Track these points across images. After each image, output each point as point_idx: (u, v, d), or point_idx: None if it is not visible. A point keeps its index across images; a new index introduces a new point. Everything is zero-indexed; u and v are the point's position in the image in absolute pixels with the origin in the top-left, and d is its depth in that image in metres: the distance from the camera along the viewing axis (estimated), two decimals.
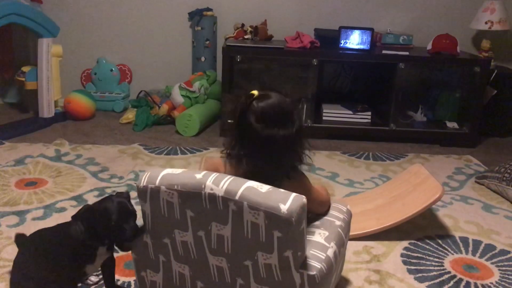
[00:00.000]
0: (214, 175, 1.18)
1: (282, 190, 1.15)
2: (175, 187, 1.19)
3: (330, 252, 1.26)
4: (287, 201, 1.10)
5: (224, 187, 1.14)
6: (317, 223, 1.38)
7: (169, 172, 1.23)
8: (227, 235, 1.18)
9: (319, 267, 1.19)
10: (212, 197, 1.15)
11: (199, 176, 1.18)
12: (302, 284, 1.18)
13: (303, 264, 1.18)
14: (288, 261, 1.15)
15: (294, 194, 1.13)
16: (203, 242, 1.23)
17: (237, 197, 1.12)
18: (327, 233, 1.32)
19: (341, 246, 1.35)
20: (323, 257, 1.22)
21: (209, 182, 1.16)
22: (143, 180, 1.24)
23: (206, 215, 1.18)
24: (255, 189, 1.13)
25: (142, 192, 1.24)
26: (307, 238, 1.22)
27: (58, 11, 3.56)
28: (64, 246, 1.37)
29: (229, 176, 1.17)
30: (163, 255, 1.32)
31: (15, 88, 3.64)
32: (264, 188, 1.14)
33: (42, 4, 3.40)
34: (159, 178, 1.22)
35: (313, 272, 1.17)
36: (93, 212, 1.33)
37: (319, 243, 1.28)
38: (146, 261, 1.36)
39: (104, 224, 1.31)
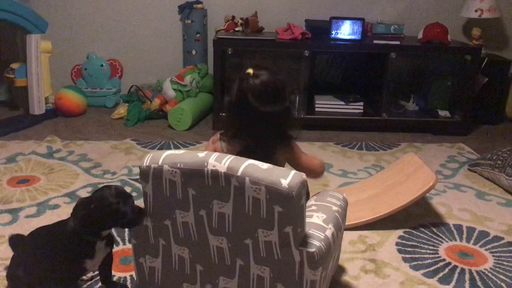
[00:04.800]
0: (216, 154, 1.20)
1: (282, 167, 1.20)
2: (178, 165, 1.20)
3: (328, 233, 1.28)
4: (288, 177, 1.13)
5: (227, 164, 1.16)
6: (314, 208, 1.39)
7: (171, 153, 1.25)
8: (229, 212, 1.20)
9: (318, 245, 1.21)
10: (215, 173, 1.17)
11: (201, 154, 1.21)
12: (302, 262, 1.20)
13: (303, 241, 1.20)
14: (288, 238, 1.17)
15: (294, 171, 1.16)
16: (204, 222, 1.24)
17: (239, 173, 1.15)
18: (324, 216, 1.34)
19: (338, 230, 1.36)
20: (322, 237, 1.24)
21: (211, 160, 1.18)
22: (146, 161, 1.25)
23: (208, 193, 1.20)
24: (257, 166, 1.16)
25: (145, 173, 1.25)
26: (306, 220, 1.23)
27: (47, 6, 3.52)
28: (62, 243, 1.36)
29: (230, 155, 1.20)
30: (163, 238, 1.32)
31: (5, 86, 3.61)
32: (265, 165, 1.17)
33: (30, 0, 3.36)
34: (162, 158, 1.23)
35: (312, 250, 1.19)
36: (89, 203, 1.31)
37: (318, 224, 1.30)
38: (145, 246, 1.36)
39: (103, 212, 1.29)
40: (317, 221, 1.31)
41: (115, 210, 1.29)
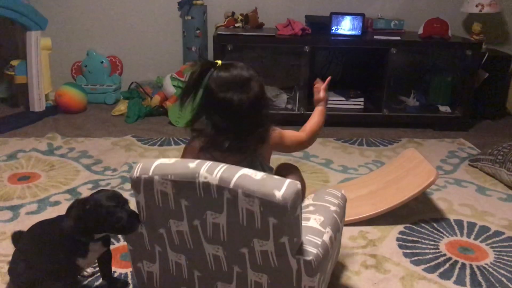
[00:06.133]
0: (207, 164, 1.17)
1: (277, 177, 1.16)
2: (169, 176, 1.18)
3: (326, 237, 1.25)
4: (282, 188, 1.10)
5: (218, 175, 1.13)
6: (311, 209, 1.37)
7: (162, 162, 1.22)
8: (223, 223, 1.18)
9: (316, 252, 1.19)
10: (206, 185, 1.14)
11: (192, 165, 1.17)
12: (299, 270, 1.18)
13: (299, 249, 1.18)
14: (284, 248, 1.15)
15: (288, 180, 1.12)
16: (198, 231, 1.22)
17: (231, 185, 1.12)
18: (322, 219, 1.32)
19: (336, 231, 1.35)
20: (319, 242, 1.22)
21: (202, 171, 1.15)
22: (136, 171, 1.23)
23: (200, 204, 1.18)
24: (250, 177, 1.13)
25: (136, 183, 1.23)
26: (303, 224, 1.21)
27: (46, 3, 3.51)
28: (56, 240, 1.37)
29: (223, 164, 1.17)
30: (159, 246, 1.31)
31: (5, 83, 3.60)
32: (258, 175, 1.13)
33: None
34: (152, 168, 1.21)
35: (309, 258, 1.17)
36: (84, 205, 1.30)
37: (315, 228, 1.27)
38: (142, 252, 1.36)
39: (98, 214, 1.28)
40: (314, 224, 1.29)
41: (110, 214, 1.27)
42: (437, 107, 3.35)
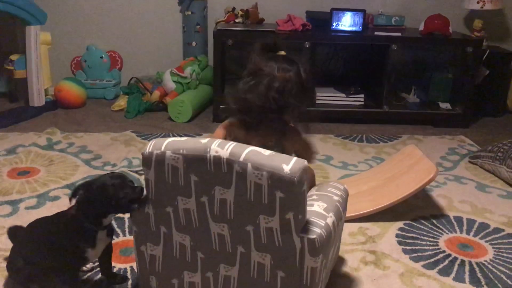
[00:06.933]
0: (218, 140, 1.21)
1: (284, 154, 1.20)
2: (181, 151, 1.21)
3: (329, 221, 1.28)
4: (290, 163, 1.14)
5: (229, 149, 1.17)
6: (315, 197, 1.39)
7: (174, 139, 1.26)
8: (230, 199, 1.20)
9: (319, 232, 1.21)
10: (217, 159, 1.17)
11: (204, 141, 1.21)
12: (303, 248, 1.20)
13: (304, 228, 1.20)
14: (289, 224, 1.18)
15: (296, 158, 1.17)
16: (205, 209, 1.24)
17: (241, 159, 1.15)
18: (325, 205, 1.34)
19: (339, 219, 1.37)
20: (323, 224, 1.25)
21: (214, 146, 1.19)
22: (149, 147, 1.26)
23: (210, 179, 1.20)
24: (259, 152, 1.17)
25: (147, 159, 1.25)
26: (307, 208, 1.24)
27: None
28: (63, 232, 1.37)
29: (232, 142, 1.21)
30: (165, 226, 1.33)
31: (4, 77, 3.59)
32: (267, 152, 1.18)
33: None
34: (164, 144, 1.24)
35: (313, 236, 1.19)
36: (90, 186, 1.32)
37: (319, 212, 1.30)
38: (146, 234, 1.37)
39: (106, 193, 1.30)
40: (318, 209, 1.32)
41: (117, 190, 1.30)
42: (438, 104, 3.35)
